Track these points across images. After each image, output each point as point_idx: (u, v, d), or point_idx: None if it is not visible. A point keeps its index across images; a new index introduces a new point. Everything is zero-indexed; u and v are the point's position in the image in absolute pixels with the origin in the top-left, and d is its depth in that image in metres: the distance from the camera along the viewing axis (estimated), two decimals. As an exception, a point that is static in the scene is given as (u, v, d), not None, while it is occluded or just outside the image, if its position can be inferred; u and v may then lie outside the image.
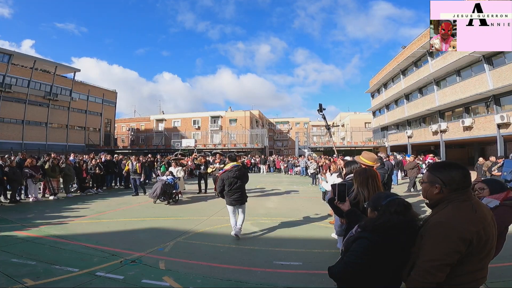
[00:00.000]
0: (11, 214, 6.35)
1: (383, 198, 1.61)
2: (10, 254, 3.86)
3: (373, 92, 34.98)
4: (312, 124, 62.66)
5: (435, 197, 1.44)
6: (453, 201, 1.38)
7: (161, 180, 8.06)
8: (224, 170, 4.89)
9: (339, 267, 1.52)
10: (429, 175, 1.48)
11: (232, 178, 4.70)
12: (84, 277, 3.19)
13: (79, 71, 37.75)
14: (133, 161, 10.13)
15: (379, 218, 1.51)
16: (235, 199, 4.68)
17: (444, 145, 21.10)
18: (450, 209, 1.36)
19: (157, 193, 7.63)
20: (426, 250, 1.31)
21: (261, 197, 9.29)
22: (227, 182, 4.68)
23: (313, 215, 6.33)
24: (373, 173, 2.57)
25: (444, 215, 1.35)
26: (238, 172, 4.78)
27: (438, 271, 1.27)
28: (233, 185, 4.69)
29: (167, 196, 7.86)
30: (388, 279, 1.49)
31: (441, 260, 1.27)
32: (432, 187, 1.44)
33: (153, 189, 7.83)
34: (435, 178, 1.44)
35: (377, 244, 1.45)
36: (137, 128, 49.88)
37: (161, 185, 7.69)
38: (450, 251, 1.27)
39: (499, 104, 16.68)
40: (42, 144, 31.54)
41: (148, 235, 4.96)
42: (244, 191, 4.89)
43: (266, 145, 37.15)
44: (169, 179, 8.09)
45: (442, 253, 1.27)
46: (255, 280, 3.19)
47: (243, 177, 4.87)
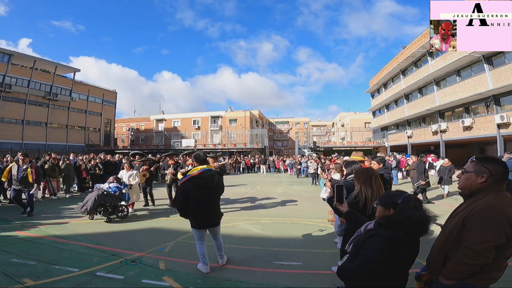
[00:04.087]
0: (11, 214, 6.35)
1: (398, 195, 1.62)
2: (10, 254, 3.86)
3: (373, 92, 34.97)
4: (312, 124, 62.71)
5: (477, 186, 1.54)
6: (493, 190, 1.49)
7: (99, 189, 5.97)
8: (188, 177, 3.37)
9: (353, 266, 1.49)
10: (476, 164, 1.57)
11: (201, 189, 3.32)
12: (84, 277, 3.19)
13: (79, 71, 37.73)
14: (20, 163, 6.42)
15: (399, 214, 1.52)
16: (205, 219, 3.37)
17: (444, 145, 21.10)
18: (493, 196, 1.47)
19: (88, 207, 5.57)
20: (477, 232, 1.39)
21: (261, 197, 9.29)
22: (193, 195, 3.29)
23: (313, 215, 6.33)
24: (375, 172, 2.62)
25: (490, 201, 1.45)
26: (210, 180, 3.37)
27: (489, 252, 1.37)
28: (203, 200, 3.33)
29: (106, 210, 5.82)
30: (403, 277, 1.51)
31: (492, 241, 1.36)
32: (478, 176, 1.54)
33: (84, 201, 5.76)
34: (483, 168, 1.53)
35: (395, 241, 1.45)
36: (137, 128, 49.87)
37: (95, 197, 5.67)
38: (501, 233, 1.37)
39: (499, 104, 16.68)
40: (42, 144, 31.53)
41: (148, 235, 4.96)
42: (219, 207, 3.62)
43: (266, 145, 37.12)
44: (112, 187, 6.11)
45: (494, 235, 1.36)
46: (255, 280, 3.19)
47: (217, 187, 3.55)
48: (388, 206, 1.60)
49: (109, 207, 5.85)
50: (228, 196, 8.89)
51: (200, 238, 3.40)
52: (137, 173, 7.04)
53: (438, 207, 7.25)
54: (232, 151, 32.87)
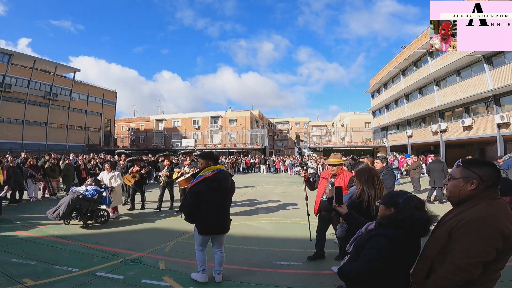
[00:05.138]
0: (11, 214, 6.35)
1: (400, 195, 1.62)
2: (10, 254, 3.86)
3: (373, 92, 34.99)
4: (312, 124, 62.71)
5: (467, 193, 1.38)
6: (485, 198, 1.34)
7: (74, 192, 5.49)
8: (201, 178, 3.05)
9: (355, 266, 1.48)
10: (464, 170, 1.41)
11: (216, 191, 3.02)
12: (84, 277, 3.19)
13: (79, 71, 37.77)
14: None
15: (400, 213, 1.51)
16: (216, 224, 3.09)
17: (444, 145, 21.10)
18: (485, 206, 1.31)
19: (60, 212, 5.07)
20: (463, 246, 1.26)
21: (261, 197, 9.29)
22: (206, 199, 2.97)
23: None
24: (377, 172, 2.66)
25: (481, 211, 1.30)
26: (224, 181, 3.09)
27: (475, 268, 1.23)
28: (217, 203, 3.04)
29: (83, 215, 5.37)
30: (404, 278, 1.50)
31: (479, 256, 1.23)
32: (467, 183, 1.38)
33: (57, 205, 5.25)
34: (472, 174, 1.38)
35: (396, 241, 1.44)
36: (137, 128, 49.89)
37: (68, 201, 5.18)
38: (490, 248, 1.23)
39: (499, 104, 16.69)
40: (42, 144, 31.56)
41: (148, 235, 4.96)
42: (229, 212, 3.33)
43: (266, 145, 37.15)
44: (89, 190, 5.60)
45: (481, 250, 1.23)
46: (255, 280, 3.20)
47: (231, 189, 3.28)
48: (389, 205, 1.60)
49: (86, 212, 5.39)
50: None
51: (203, 244, 3.14)
52: (119, 175, 6.50)
53: (440, 208, 7.25)
54: (232, 151, 32.89)
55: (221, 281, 3.16)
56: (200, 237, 3.09)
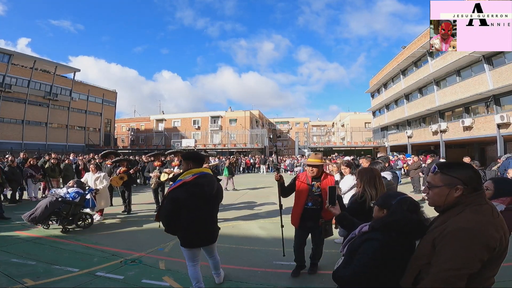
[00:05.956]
0: (11, 214, 6.35)
1: (393, 196, 1.58)
2: (10, 254, 3.86)
3: (373, 92, 34.98)
4: (312, 124, 62.74)
5: (453, 200, 1.29)
6: (471, 204, 1.26)
7: (53, 194, 5.12)
8: (180, 182, 2.61)
9: (348, 271, 1.46)
10: (445, 176, 1.32)
11: (198, 198, 2.59)
12: (84, 277, 3.19)
13: (79, 71, 37.76)
14: None
15: (391, 216, 1.48)
16: (199, 236, 2.67)
17: (444, 145, 21.10)
18: (470, 213, 1.23)
19: (36, 216, 4.72)
20: (446, 257, 1.18)
21: (261, 197, 9.29)
22: (186, 206, 2.55)
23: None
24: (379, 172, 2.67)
25: (465, 220, 1.21)
26: (208, 187, 2.66)
27: (459, 281, 1.16)
28: (198, 212, 2.61)
29: (63, 219, 5.00)
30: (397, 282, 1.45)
31: (463, 269, 1.16)
32: (452, 189, 1.28)
33: (33, 209, 4.88)
34: (455, 179, 1.29)
35: (389, 244, 1.41)
36: (137, 128, 49.88)
37: (46, 204, 4.80)
38: (475, 260, 1.16)
39: (499, 104, 16.68)
40: (42, 144, 31.56)
41: (148, 235, 4.96)
42: (217, 221, 2.92)
43: (266, 145, 37.13)
44: (70, 193, 5.22)
45: (465, 262, 1.15)
46: (255, 280, 3.20)
47: (217, 196, 2.84)
48: (383, 206, 1.57)
49: (67, 216, 5.02)
50: (227, 196, 8.89)
51: (193, 258, 2.71)
52: (106, 176, 6.23)
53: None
54: (232, 151, 32.89)
55: (221, 282, 3.11)
56: (185, 251, 2.69)
